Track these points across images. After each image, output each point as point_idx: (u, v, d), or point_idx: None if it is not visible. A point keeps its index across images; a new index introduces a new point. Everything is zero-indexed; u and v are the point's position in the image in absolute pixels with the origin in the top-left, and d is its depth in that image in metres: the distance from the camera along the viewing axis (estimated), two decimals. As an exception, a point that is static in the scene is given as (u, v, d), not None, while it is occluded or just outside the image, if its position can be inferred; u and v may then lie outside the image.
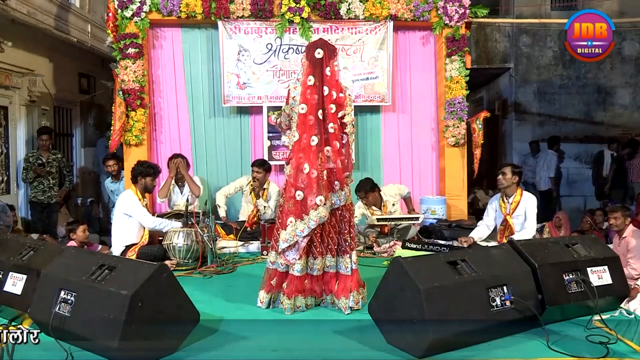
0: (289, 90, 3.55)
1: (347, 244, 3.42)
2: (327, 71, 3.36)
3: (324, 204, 3.28)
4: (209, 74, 6.44)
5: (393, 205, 5.65)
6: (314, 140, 3.32)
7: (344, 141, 3.43)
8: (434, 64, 6.60)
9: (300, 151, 3.36)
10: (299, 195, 3.31)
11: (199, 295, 3.53)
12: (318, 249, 3.37)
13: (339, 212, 3.42)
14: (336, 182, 3.37)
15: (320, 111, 3.34)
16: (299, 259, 3.33)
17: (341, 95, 3.40)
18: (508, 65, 9.79)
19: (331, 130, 3.35)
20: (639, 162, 8.75)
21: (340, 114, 3.39)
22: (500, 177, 4.84)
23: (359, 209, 5.53)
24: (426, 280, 2.60)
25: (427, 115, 6.66)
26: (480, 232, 4.98)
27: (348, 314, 3.31)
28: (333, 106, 3.35)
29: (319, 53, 3.37)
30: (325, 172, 3.33)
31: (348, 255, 3.41)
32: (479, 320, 2.71)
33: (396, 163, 6.66)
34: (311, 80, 3.36)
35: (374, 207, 5.54)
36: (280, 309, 3.38)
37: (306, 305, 3.39)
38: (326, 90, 3.35)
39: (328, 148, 3.35)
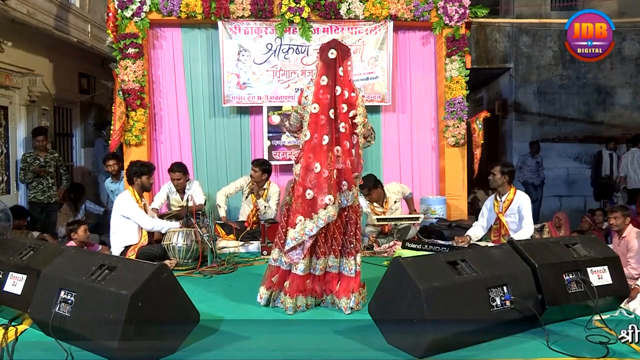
0: (302, 90, 3.55)
1: (352, 245, 3.41)
2: (340, 71, 3.37)
3: (333, 204, 3.28)
4: (209, 74, 6.44)
5: (395, 202, 5.66)
6: (325, 140, 3.32)
7: (354, 141, 3.42)
8: (434, 64, 6.60)
9: (310, 150, 3.35)
10: (309, 194, 3.30)
11: (199, 295, 3.53)
12: (322, 249, 3.37)
13: (345, 213, 3.41)
14: (344, 182, 3.37)
15: (332, 110, 3.34)
16: (302, 258, 3.32)
17: (353, 94, 3.41)
18: (508, 65, 9.79)
19: (342, 130, 3.35)
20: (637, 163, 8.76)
21: (351, 114, 3.39)
22: (490, 177, 4.91)
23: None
24: (426, 280, 2.60)
25: (427, 115, 6.66)
26: (475, 232, 5.00)
27: (348, 314, 3.31)
28: (345, 106, 3.36)
29: (332, 53, 3.38)
30: (335, 171, 3.32)
31: (352, 257, 3.40)
32: (479, 320, 2.71)
33: (396, 163, 6.66)
34: (324, 80, 3.36)
35: (375, 204, 5.55)
36: (280, 309, 3.39)
37: (306, 305, 3.39)
38: (338, 90, 3.35)
39: (338, 148, 3.35)
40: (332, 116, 3.33)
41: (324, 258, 3.38)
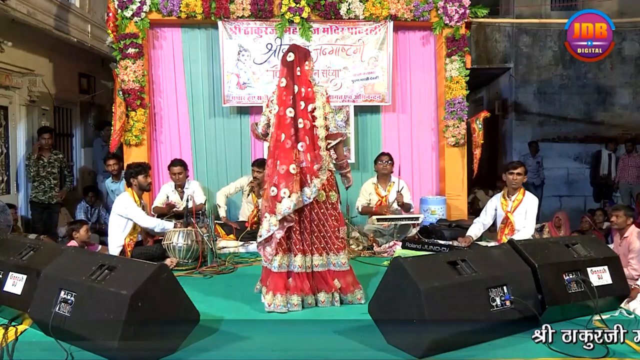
0: (269, 97, 3.69)
1: (339, 240, 3.51)
2: (298, 71, 3.53)
3: (289, 197, 3.38)
4: (209, 74, 6.44)
5: (398, 191, 5.69)
6: (288, 138, 3.46)
7: (315, 134, 3.52)
8: (434, 64, 6.60)
9: (276, 149, 3.50)
10: (273, 191, 3.44)
11: (199, 295, 3.54)
12: (297, 246, 3.45)
13: (322, 210, 3.49)
14: (308, 176, 3.47)
15: (291, 109, 3.49)
16: (275, 254, 3.42)
17: (309, 90, 3.54)
18: (508, 65, 9.80)
19: (300, 126, 3.48)
20: (635, 164, 8.75)
21: (310, 108, 3.51)
22: (517, 177, 4.87)
23: (365, 192, 5.73)
24: (426, 280, 2.60)
25: (427, 115, 6.66)
26: (475, 230, 5.01)
27: (363, 303, 3.39)
28: (302, 103, 3.51)
29: (290, 56, 3.56)
30: (297, 167, 3.42)
31: (342, 251, 3.51)
32: (479, 320, 2.71)
33: (396, 163, 6.63)
34: (284, 82, 3.54)
35: (379, 184, 5.70)
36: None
37: (289, 303, 3.37)
38: (296, 88, 3.52)
39: (301, 144, 3.47)
40: (292, 114, 3.49)
41: (302, 256, 3.44)
